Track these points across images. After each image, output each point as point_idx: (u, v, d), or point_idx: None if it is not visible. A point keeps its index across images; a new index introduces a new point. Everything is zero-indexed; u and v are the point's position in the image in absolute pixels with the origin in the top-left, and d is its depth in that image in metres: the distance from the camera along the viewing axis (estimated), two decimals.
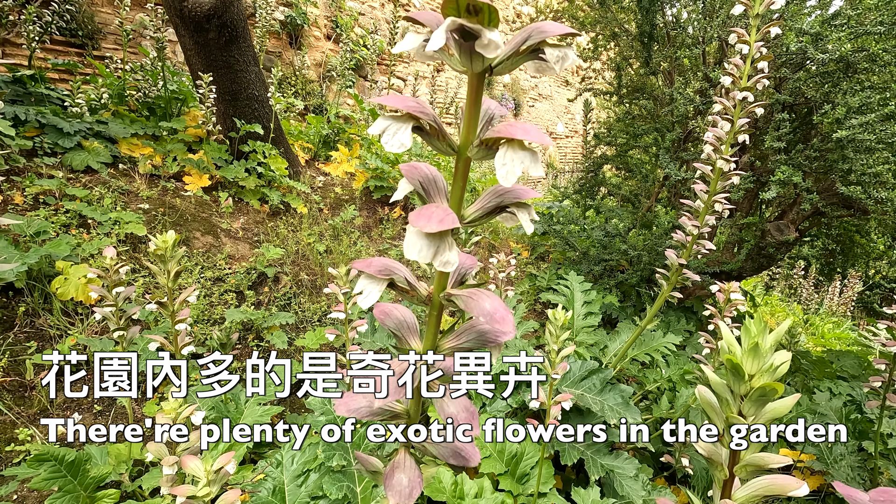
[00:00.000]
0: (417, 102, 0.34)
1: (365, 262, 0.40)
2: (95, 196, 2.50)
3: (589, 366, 1.64)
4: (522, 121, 10.53)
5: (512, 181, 0.32)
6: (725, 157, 1.33)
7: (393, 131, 0.34)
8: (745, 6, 1.27)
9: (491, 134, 0.33)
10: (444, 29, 0.29)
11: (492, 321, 0.35)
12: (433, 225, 0.32)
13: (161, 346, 1.11)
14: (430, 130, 0.35)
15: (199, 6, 2.89)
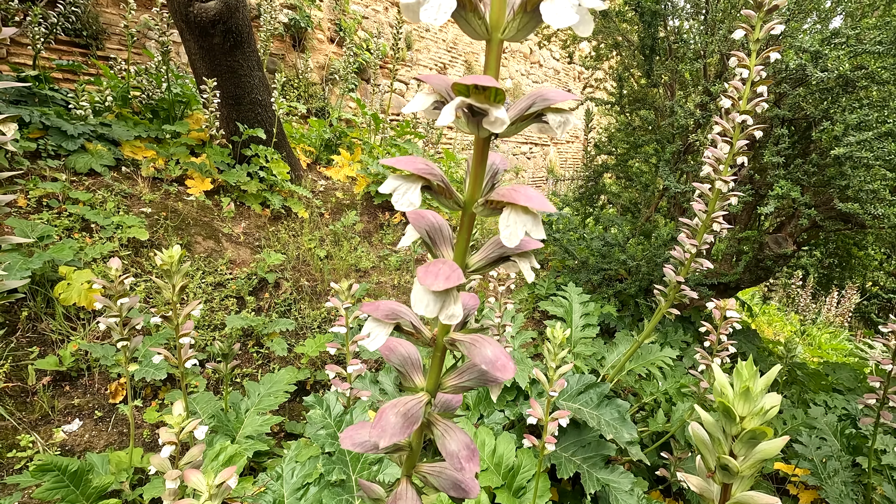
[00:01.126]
0: (426, 164, 0.36)
1: (373, 305, 0.42)
2: (98, 199, 2.52)
3: (586, 380, 1.66)
4: None
5: (515, 243, 0.33)
6: (724, 178, 1.35)
7: (403, 191, 0.35)
8: (745, 31, 1.29)
9: (495, 197, 0.35)
10: (453, 107, 0.30)
11: (493, 369, 0.37)
12: (440, 283, 0.33)
13: (165, 359, 1.13)
14: (438, 189, 0.37)
15: (205, 12, 2.90)
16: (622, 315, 3.39)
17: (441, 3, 0.29)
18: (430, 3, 0.29)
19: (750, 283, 3.41)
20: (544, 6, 0.29)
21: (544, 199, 0.32)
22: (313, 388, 2.17)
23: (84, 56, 4.72)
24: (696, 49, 2.84)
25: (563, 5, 0.28)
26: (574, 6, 0.28)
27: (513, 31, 0.32)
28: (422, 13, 0.29)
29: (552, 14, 0.28)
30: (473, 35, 0.33)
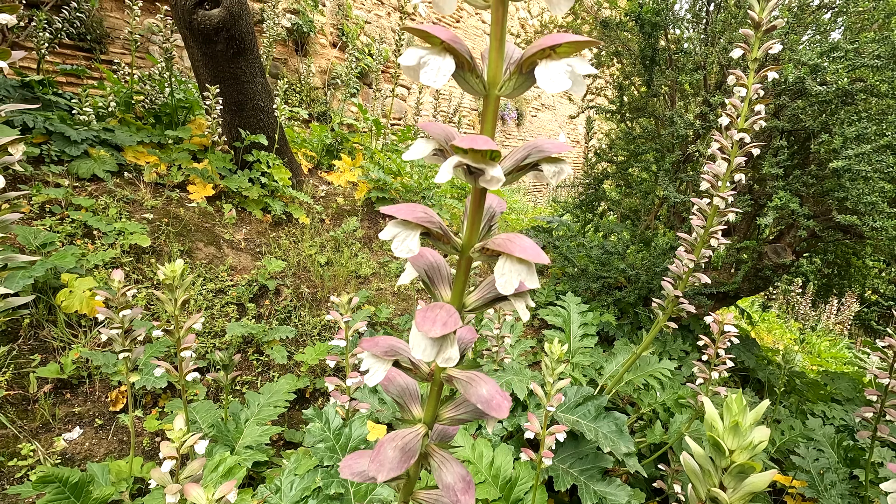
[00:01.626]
0: (425, 212, 0.37)
1: (372, 341, 0.43)
2: (101, 205, 2.53)
3: (584, 392, 1.67)
4: (524, 131, 10.59)
5: (510, 291, 0.34)
6: (721, 194, 1.36)
7: (402, 238, 0.37)
8: (743, 50, 1.31)
9: (492, 246, 0.36)
10: (451, 165, 0.32)
11: (488, 409, 0.38)
12: (437, 330, 0.35)
13: (167, 374, 1.14)
14: (436, 235, 0.38)
15: (209, 19, 2.93)
16: (621, 323, 3.40)
17: (440, 66, 0.30)
18: (429, 66, 0.30)
19: (749, 292, 3.43)
20: (539, 70, 0.30)
21: (538, 249, 0.33)
22: (312, 395, 2.18)
23: (88, 60, 4.75)
24: (696, 60, 2.86)
25: (557, 71, 0.29)
26: (567, 72, 0.29)
27: (509, 90, 0.33)
28: (421, 75, 0.30)
29: (546, 79, 0.29)
30: (471, 92, 0.34)
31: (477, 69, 0.33)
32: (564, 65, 0.30)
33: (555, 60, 0.30)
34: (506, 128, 9.92)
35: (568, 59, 0.30)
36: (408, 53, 0.32)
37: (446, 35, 0.31)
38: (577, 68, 0.29)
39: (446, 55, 0.32)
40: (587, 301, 3.54)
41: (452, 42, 0.32)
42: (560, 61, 0.30)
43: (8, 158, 0.78)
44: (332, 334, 2.53)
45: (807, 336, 6.27)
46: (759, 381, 3.71)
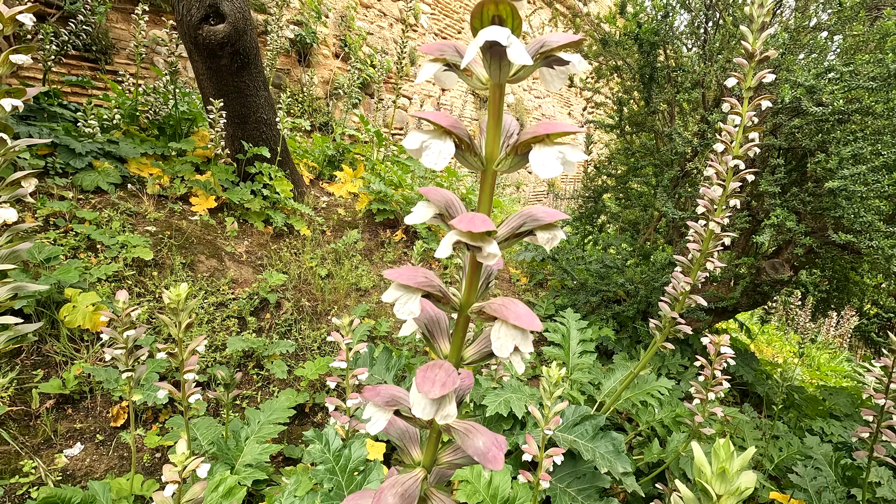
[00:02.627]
0: (426, 276, 0.39)
1: (374, 390, 0.45)
2: (104, 218, 2.56)
3: (582, 411, 1.68)
4: None
5: (505, 355, 0.36)
6: (717, 219, 1.38)
7: (404, 301, 0.39)
8: (737, 79, 1.33)
9: (488, 310, 0.38)
10: (450, 243, 0.34)
11: (484, 461, 0.40)
12: (436, 391, 0.36)
13: (169, 394, 1.15)
14: (436, 297, 0.40)
15: (214, 34, 2.97)
16: (620, 337, 3.41)
17: (441, 150, 0.32)
18: (431, 149, 0.32)
19: (748, 306, 3.44)
20: (533, 154, 0.32)
21: (532, 317, 0.35)
22: (312, 410, 2.19)
23: (93, 70, 4.80)
24: (694, 78, 2.89)
25: (550, 157, 0.31)
26: (559, 158, 0.31)
27: (505, 167, 0.36)
28: (424, 157, 0.32)
29: (539, 164, 0.31)
30: (470, 168, 0.36)
31: (475, 148, 0.35)
32: (557, 151, 0.32)
33: (548, 146, 0.33)
34: None
35: (560, 147, 0.32)
36: (411, 137, 0.34)
37: (447, 122, 0.33)
38: (569, 155, 0.31)
39: (447, 138, 0.34)
40: (586, 314, 3.56)
41: (452, 127, 0.34)
42: (553, 147, 0.33)
43: (20, 191, 0.80)
44: (332, 348, 2.55)
45: (806, 349, 6.27)
46: (758, 396, 3.72)
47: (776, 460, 2.49)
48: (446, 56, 0.36)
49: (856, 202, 2.36)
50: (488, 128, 0.35)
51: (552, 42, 0.34)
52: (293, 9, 6.56)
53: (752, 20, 1.28)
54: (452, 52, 0.36)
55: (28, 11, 0.74)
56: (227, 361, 2.21)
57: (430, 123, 0.34)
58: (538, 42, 0.35)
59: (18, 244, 0.81)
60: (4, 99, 0.74)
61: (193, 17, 2.94)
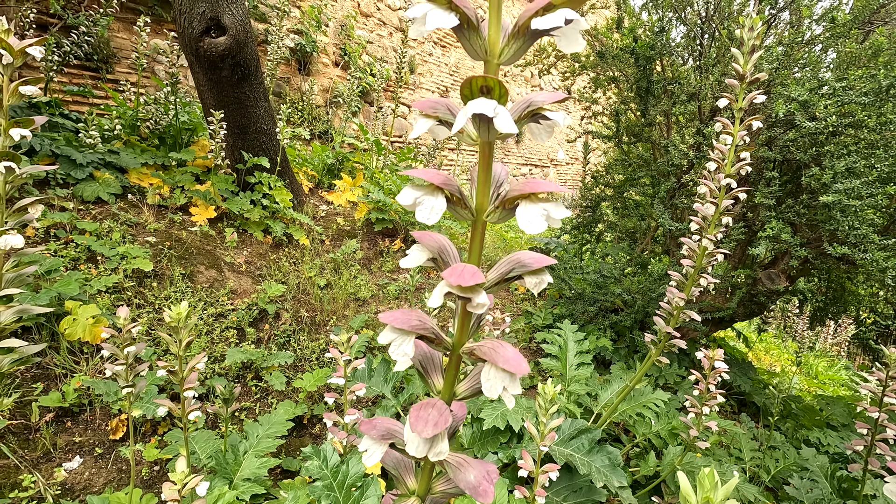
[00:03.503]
0: (420, 319, 0.41)
1: (370, 424, 0.46)
2: (105, 229, 2.57)
3: (578, 425, 1.69)
4: (524, 148, 10.70)
5: (494, 395, 0.38)
6: (710, 236, 1.40)
7: (399, 343, 0.40)
8: (729, 100, 1.36)
9: (479, 353, 0.40)
10: (441, 294, 0.36)
11: (475, 495, 0.41)
12: (429, 430, 0.38)
13: (169, 411, 1.17)
14: (430, 338, 0.42)
15: (215, 47, 3.00)
16: (618, 347, 3.42)
17: (433, 206, 0.34)
18: (423, 205, 0.34)
19: (744, 316, 3.46)
20: (519, 211, 0.34)
21: (521, 361, 0.37)
22: (310, 421, 2.19)
23: (94, 79, 4.83)
24: (689, 90, 2.93)
25: (535, 214, 0.33)
26: (543, 216, 0.33)
27: (494, 219, 0.38)
28: (417, 212, 0.34)
29: (525, 220, 0.33)
30: (461, 218, 0.38)
31: (465, 201, 0.37)
32: (541, 208, 0.34)
33: (533, 203, 0.35)
34: (505, 145, 10.03)
35: (545, 205, 0.34)
36: (405, 193, 0.36)
37: (439, 180, 0.35)
38: (553, 213, 0.33)
39: (439, 194, 0.36)
40: (584, 324, 3.57)
41: (444, 184, 0.36)
42: (538, 205, 0.35)
43: (27, 217, 0.82)
44: (331, 358, 2.56)
45: (804, 357, 6.28)
46: (755, 405, 3.73)
47: (773, 472, 2.50)
48: (439, 114, 0.38)
49: (850, 215, 2.38)
50: (478, 181, 0.37)
51: (538, 102, 0.37)
52: (293, 18, 6.61)
53: (743, 43, 1.31)
54: (445, 110, 0.38)
55: (38, 45, 0.76)
56: (226, 373, 2.22)
57: (423, 181, 0.36)
58: (525, 101, 0.37)
59: (24, 268, 0.83)
60: (14, 129, 0.76)
61: (195, 29, 2.97)
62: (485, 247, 3.13)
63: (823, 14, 2.54)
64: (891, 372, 1.80)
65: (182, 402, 1.17)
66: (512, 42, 0.36)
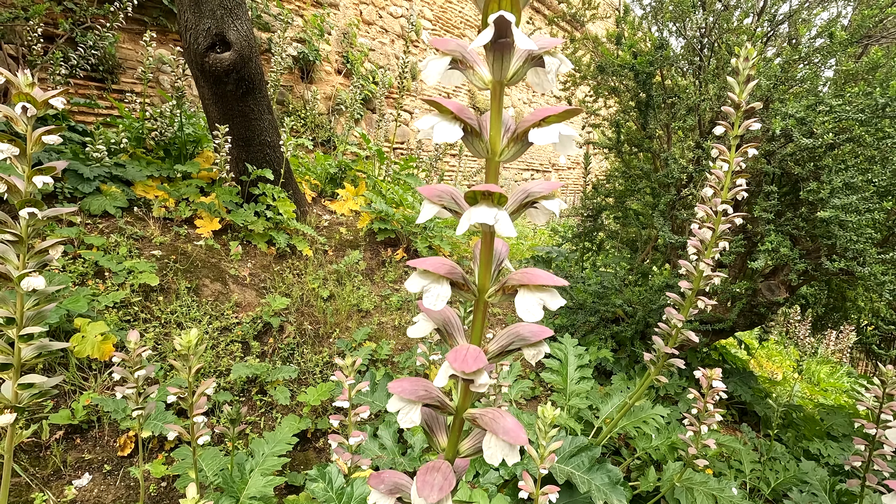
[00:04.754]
0: (426, 390, 0.44)
1: (378, 478, 0.49)
2: (111, 243, 2.61)
3: (578, 442, 1.72)
4: (526, 154, 10.73)
5: (495, 463, 0.41)
6: (706, 260, 1.43)
7: (406, 411, 0.43)
8: (725, 128, 1.39)
9: (480, 422, 0.43)
10: (446, 375, 0.39)
11: None
12: (434, 496, 0.41)
13: (179, 436, 1.20)
14: (434, 405, 0.45)
15: (220, 62, 3.04)
16: (619, 357, 3.45)
17: (439, 293, 0.37)
18: (430, 292, 0.37)
19: (745, 327, 3.48)
20: (518, 299, 0.37)
21: (520, 430, 0.40)
22: (314, 435, 2.22)
23: (100, 90, 4.88)
24: (689, 104, 2.96)
25: (532, 303, 0.36)
26: (540, 304, 0.36)
27: (496, 300, 0.41)
28: (424, 300, 0.38)
29: (523, 309, 0.36)
30: (465, 299, 0.41)
31: (469, 286, 0.40)
32: (538, 298, 0.37)
33: (531, 293, 0.38)
34: None
35: (541, 294, 0.37)
36: (413, 281, 0.39)
37: (444, 270, 0.39)
38: (549, 303, 0.36)
39: (444, 282, 0.39)
40: (586, 333, 3.60)
41: (448, 274, 0.39)
42: (535, 294, 0.37)
43: (48, 258, 0.85)
44: (334, 371, 2.59)
45: (806, 363, 6.28)
46: (756, 414, 3.74)
47: (773, 484, 2.52)
48: (444, 202, 0.41)
49: (849, 229, 2.40)
50: (480, 263, 0.40)
51: (535, 193, 0.40)
52: (296, 27, 6.67)
53: (738, 72, 1.34)
54: (450, 199, 0.41)
55: (59, 95, 0.80)
56: (231, 387, 2.25)
57: (429, 272, 0.39)
58: (524, 191, 0.40)
59: (44, 306, 0.86)
60: (37, 177, 0.80)
61: (200, 45, 3.02)
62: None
63: (820, 31, 2.56)
64: (888, 389, 1.82)
65: (192, 427, 1.20)
66: (511, 145, 0.39)
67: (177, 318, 2.42)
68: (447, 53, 0.38)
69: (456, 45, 0.38)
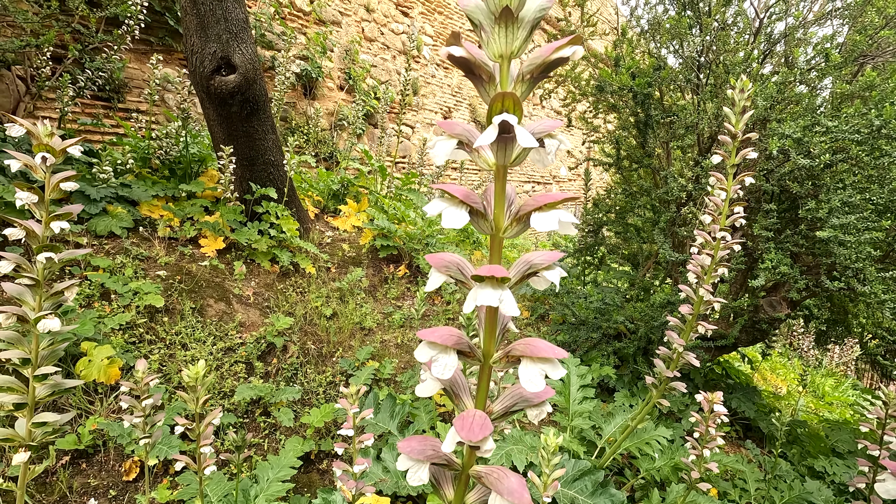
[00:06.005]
0: (434, 449, 0.46)
1: None
2: (117, 265, 2.64)
3: (581, 465, 1.72)
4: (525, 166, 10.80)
5: None
6: (706, 287, 1.45)
7: (415, 469, 0.45)
8: (722, 157, 1.42)
9: (485, 481, 0.45)
10: (453, 442, 0.41)
11: None
12: None
13: (186, 466, 1.21)
14: (444, 463, 0.47)
15: (225, 85, 3.10)
16: (621, 373, 3.44)
17: (447, 363, 0.39)
18: (438, 362, 0.39)
19: (747, 342, 3.48)
20: (521, 369, 0.39)
21: (523, 491, 0.42)
22: (318, 457, 2.23)
23: (106, 108, 4.95)
24: (687, 123, 2.99)
25: (534, 373, 0.38)
26: (541, 374, 0.38)
27: (500, 367, 0.43)
28: (433, 369, 0.40)
29: (526, 379, 0.38)
30: (470, 366, 0.44)
31: (475, 353, 0.42)
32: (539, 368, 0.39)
33: (533, 363, 0.40)
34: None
35: (543, 365, 0.40)
36: (422, 350, 0.41)
37: (452, 341, 0.41)
38: (551, 373, 0.38)
39: (451, 352, 0.41)
40: (588, 350, 3.60)
41: (455, 344, 0.41)
42: (536, 365, 0.40)
43: (63, 298, 0.88)
44: (337, 391, 2.60)
45: (811, 375, 6.25)
46: (761, 430, 3.72)
47: (778, 503, 2.50)
48: (451, 273, 0.43)
49: (848, 248, 2.42)
50: (485, 330, 0.43)
51: (536, 264, 0.42)
52: (299, 44, 6.77)
53: (734, 104, 1.37)
54: (456, 269, 0.43)
55: (76, 144, 0.83)
56: (235, 408, 2.26)
57: (437, 343, 0.41)
58: (526, 262, 0.42)
59: (58, 346, 0.89)
60: (54, 223, 0.82)
61: (206, 68, 3.07)
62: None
63: (816, 51, 2.60)
64: (890, 410, 1.83)
65: (198, 456, 1.21)
66: (514, 224, 0.42)
67: (181, 340, 2.44)
68: (454, 136, 0.41)
69: (462, 130, 0.41)
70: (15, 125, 0.77)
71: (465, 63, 0.40)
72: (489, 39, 0.39)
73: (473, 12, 0.40)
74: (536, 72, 0.41)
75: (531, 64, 0.40)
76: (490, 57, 0.40)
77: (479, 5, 0.39)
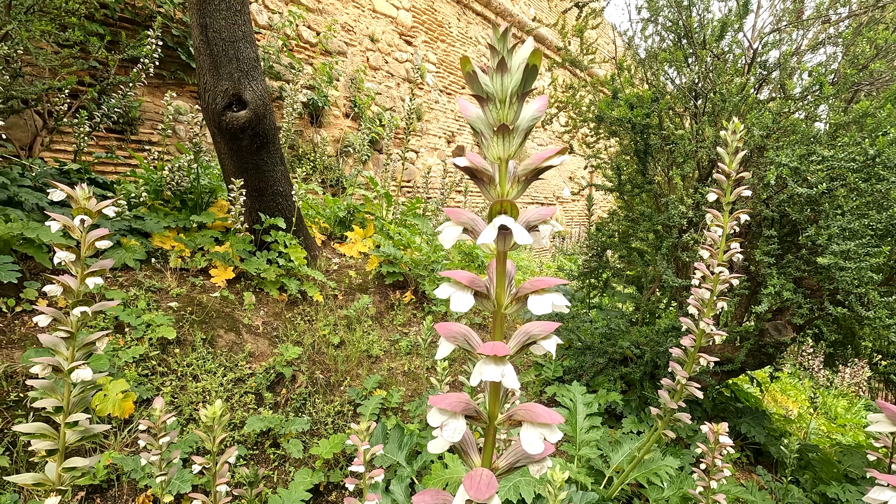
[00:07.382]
0: (443, 500, 0.50)
1: None
2: (131, 297, 2.71)
3: (589, 498, 1.73)
4: (531, 187, 10.91)
5: None
6: (707, 319, 1.49)
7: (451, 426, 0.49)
8: (717, 195, 1.48)
9: None
10: (462, 500, 0.45)
11: None
12: None
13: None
14: None
15: (236, 120, 3.21)
16: (628, 399, 3.44)
17: (456, 427, 0.44)
18: (448, 426, 0.44)
19: (754, 366, 3.47)
20: (523, 434, 0.44)
21: None
22: (327, 489, 2.24)
23: (119, 140, 5.11)
24: (686, 151, 3.06)
25: (534, 437, 0.43)
26: (540, 439, 0.43)
27: (504, 427, 0.47)
28: (444, 433, 0.44)
29: (527, 443, 0.43)
30: (475, 426, 0.48)
31: (481, 417, 0.47)
32: (539, 433, 0.44)
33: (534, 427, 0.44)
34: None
35: (542, 429, 0.44)
36: (433, 415, 0.46)
37: (460, 408, 0.45)
38: (549, 437, 0.43)
39: (460, 417, 0.46)
40: (594, 375, 3.60)
41: (463, 410, 0.46)
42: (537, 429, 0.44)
43: (94, 349, 0.93)
44: (346, 421, 2.62)
45: (822, 397, 6.17)
46: (772, 455, 3.68)
47: None
48: (459, 342, 0.48)
49: (850, 273, 2.44)
50: (490, 398, 0.47)
51: (535, 335, 0.47)
52: (306, 74, 6.97)
53: (728, 144, 1.44)
54: (463, 340, 0.48)
55: (111, 205, 0.90)
56: (245, 440, 2.29)
57: (447, 409, 0.46)
58: (524, 333, 0.47)
59: (88, 393, 0.94)
60: (89, 279, 0.89)
61: (218, 105, 3.20)
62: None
63: (810, 82, 2.67)
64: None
65: (214, 494, 1.25)
66: (514, 303, 0.47)
67: (192, 371, 2.48)
68: (460, 224, 0.46)
69: (467, 219, 0.47)
70: (57, 190, 0.83)
71: (469, 170, 0.46)
72: (489, 144, 0.45)
73: (475, 122, 0.46)
74: (530, 175, 0.47)
75: (525, 169, 0.46)
76: (490, 159, 0.46)
77: (480, 117, 0.45)
